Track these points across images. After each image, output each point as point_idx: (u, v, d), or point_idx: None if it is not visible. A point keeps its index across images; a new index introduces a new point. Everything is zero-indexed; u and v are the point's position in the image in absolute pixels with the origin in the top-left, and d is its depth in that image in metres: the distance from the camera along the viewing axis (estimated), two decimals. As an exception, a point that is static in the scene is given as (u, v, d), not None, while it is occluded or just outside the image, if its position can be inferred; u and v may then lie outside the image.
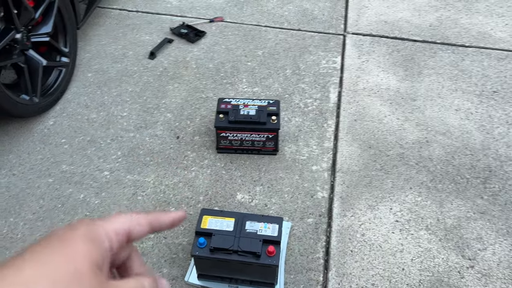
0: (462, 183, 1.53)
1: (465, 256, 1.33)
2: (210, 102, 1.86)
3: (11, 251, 1.37)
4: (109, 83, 1.95)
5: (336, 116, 1.78)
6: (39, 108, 1.72)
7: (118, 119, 1.79)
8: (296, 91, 1.90)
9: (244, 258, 1.15)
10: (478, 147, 1.65)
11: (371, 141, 1.68)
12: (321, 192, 1.51)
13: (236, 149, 1.63)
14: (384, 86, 1.92)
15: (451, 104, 1.83)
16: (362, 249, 1.35)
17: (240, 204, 1.48)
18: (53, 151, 1.66)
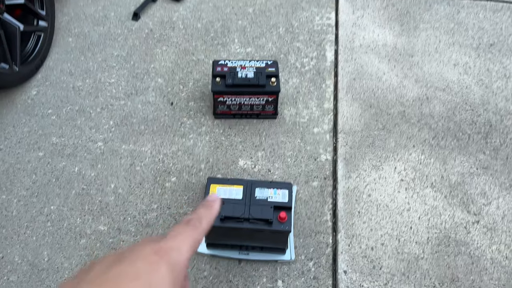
0: (464, 139, 1.53)
1: (470, 211, 1.35)
2: (202, 64, 1.77)
3: (7, 229, 1.31)
4: (93, 48, 1.83)
5: (334, 75, 1.73)
6: (20, 77, 1.60)
7: (106, 86, 1.69)
8: (291, 50, 1.83)
9: (255, 226, 1.12)
10: (478, 102, 1.64)
11: (372, 100, 1.64)
12: (324, 155, 1.48)
13: (234, 114, 1.57)
14: (380, 42, 1.86)
15: (449, 59, 1.80)
16: (369, 210, 1.35)
17: (243, 170, 1.44)
18: (40, 123, 1.56)
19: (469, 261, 1.24)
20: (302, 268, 1.24)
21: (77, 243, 1.28)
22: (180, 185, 1.40)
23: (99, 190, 1.39)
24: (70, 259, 1.25)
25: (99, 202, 1.37)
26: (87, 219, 1.33)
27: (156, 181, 1.41)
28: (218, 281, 1.21)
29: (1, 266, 1.24)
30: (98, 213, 1.34)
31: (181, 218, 1.33)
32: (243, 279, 1.22)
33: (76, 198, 1.38)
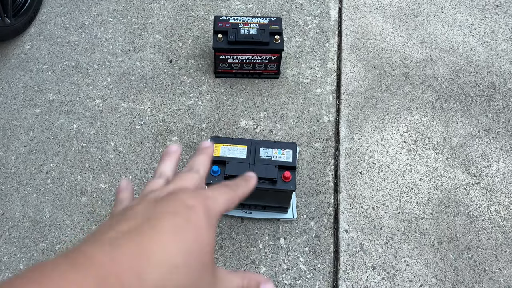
0: (467, 101, 1.52)
1: (471, 173, 1.36)
2: (202, 21, 1.72)
3: (7, 186, 1.29)
4: (87, 1, 1.75)
5: (338, 34, 1.69)
6: (12, 30, 1.54)
7: (102, 41, 1.63)
8: (294, 7, 1.77)
9: (260, 185, 1.12)
10: (482, 64, 1.62)
11: (375, 61, 1.61)
12: (327, 116, 1.47)
13: (236, 73, 1.54)
14: (385, 1, 1.81)
15: (455, 20, 1.76)
16: (371, 171, 1.35)
17: (245, 130, 1.43)
18: (36, 79, 1.52)
19: (468, 221, 1.26)
20: (304, 226, 1.25)
21: (79, 201, 1.28)
22: (182, 145, 1.39)
23: (99, 148, 1.37)
24: (72, 216, 1.25)
25: (99, 160, 1.35)
26: (88, 177, 1.32)
27: (157, 140, 1.39)
28: (221, 238, 1.23)
29: (2, 222, 1.23)
30: (98, 171, 1.33)
31: (183, 177, 1.32)
32: (246, 237, 1.23)
33: (75, 156, 1.36)
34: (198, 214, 0.31)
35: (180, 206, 0.31)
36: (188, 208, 0.31)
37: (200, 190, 0.34)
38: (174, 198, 0.32)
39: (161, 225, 0.29)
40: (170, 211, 0.30)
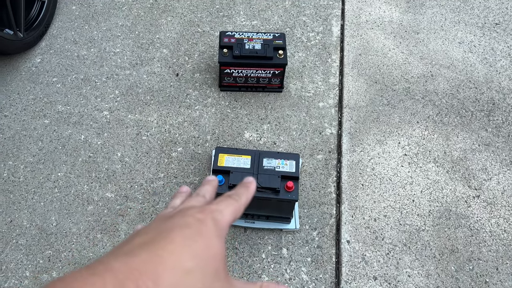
0: (467, 116, 1.55)
1: (471, 186, 1.37)
2: (207, 36, 1.76)
3: (15, 194, 1.32)
4: (97, 17, 1.81)
5: (340, 50, 1.73)
6: (24, 44, 1.59)
7: (111, 55, 1.68)
8: (297, 24, 1.82)
9: (263, 194, 1.14)
10: (482, 80, 1.66)
11: (377, 76, 1.65)
12: (329, 129, 1.50)
13: (240, 87, 1.58)
14: (386, 18, 1.86)
15: (454, 37, 1.80)
16: (373, 183, 1.37)
17: (249, 142, 1.45)
18: (45, 91, 1.56)
19: (469, 234, 1.28)
20: (306, 237, 1.26)
21: (85, 209, 1.30)
22: (187, 155, 1.41)
23: (105, 158, 1.40)
24: (78, 225, 1.27)
25: (106, 170, 1.38)
26: (94, 186, 1.34)
27: (162, 151, 1.42)
28: (224, 248, 1.24)
29: (10, 229, 1.26)
30: (105, 181, 1.36)
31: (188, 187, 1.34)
32: (249, 247, 1.24)
33: (83, 166, 1.39)
34: (208, 225, 0.33)
35: (190, 220, 0.33)
36: (197, 221, 0.33)
37: (206, 205, 0.36)
38: (184, 214, 0.34)
39: (173, 236, 0.31)
40: (180, 224, 0.32)
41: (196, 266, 0.30)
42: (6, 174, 1.36)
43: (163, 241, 0.30)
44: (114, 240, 1.24)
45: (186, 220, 0.33)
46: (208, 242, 0.32)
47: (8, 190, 1.32)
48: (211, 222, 0.33)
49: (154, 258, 0.29)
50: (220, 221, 0.34)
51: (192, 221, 0.33)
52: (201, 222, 0.33)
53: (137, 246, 0.30)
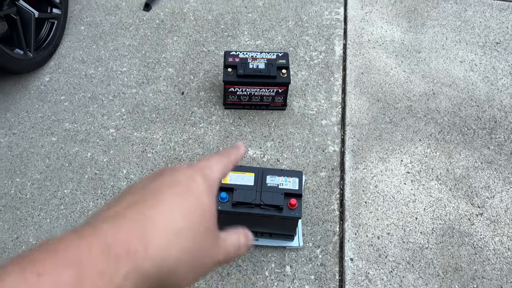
0: (469, 134, 1.56)
1: (474, 204, 1.38)
2: (212, 56, 1.80)
3: (22, 211, 1.33)
4: (104, 37, 1.85)
5: (343, 69, 1.76)
6: (33, 63, 1.63)
7: (118, 74, 1.71)
8: (300, 43, 1.85)
9: (266, 212, 1.15)
10: (483, 98, 1.67)
11: (379, 94, 1.67)
12: (332, 146, 1.51)
13: (244, 105, 1.60)
14: (388, 38, 1.89)
15: (456, 56, 1.83)
16: (376, 200, 1.38)
17: (252, 159, 1.47)
18: (53, 109, 1.59)
19: (473, 252, 1.28)
20: (310, 255, 1.27)
21: (90, 226, 1.31)
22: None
23: (111, 176, 1.42)
24: (83, 241, 1.28)
25: (111, 187, 1.40)
26: (100, 203, 1.36)
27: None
28: (228, 265, 1.25)
29: (16, 246, 1.27)
30: (110, 198, 1.37)
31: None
32: (252, 264, 1.25)
33: (89, 183, 1.40)
34: (197, 182, 0.32)
35: (179, 177, 0.32)
36: (187, 178, 0.32)
37: (194, 163, 0.35)
38: (172, 172, 0.33)
39: (163, 194, 0.30)
40: (170, 182, 0.31)
41: (187, 225, 0.29)
42: (13, 191, 1.38)
43: (152, 200, 0.29)
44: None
45: (176, 177, 0.32)
46: (199, 199, 0.31)
47: (15, 207, 1.34)
48: (201, 178, 0.33)
49: (143, 219, 0.28)
50: (210, 176, 0.34)
51: (182, 178, 0.32)
52: (191, 178, 0.32)
53: (126, 206, 0.29)
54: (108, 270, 0.25)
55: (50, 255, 0.24)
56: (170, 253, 0.28)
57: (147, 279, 0.27)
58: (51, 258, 0.24)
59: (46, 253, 0.24)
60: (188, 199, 0.30)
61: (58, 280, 0.23)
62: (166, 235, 0.28)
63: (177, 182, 0.31)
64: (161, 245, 0.28)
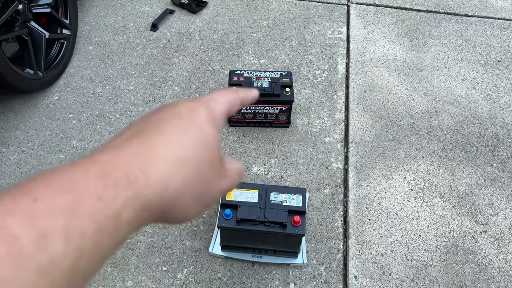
0: (472, 151, 1.57)
1: (478, 221, 1.38)
2: (218, 74, 1.84)
3: (29, 228, 1.35)
4: (112, 56, 1.90)
5: (346, 87, 1.79)
6: (43, 82, 1.67)
7: (125, 93, 1.75)
8: (304, 62, 1.89)
9: (270, 229, 1.16)
10: (486, 116, 1.69)
11: (382, 112, 1.69)
12: (335, 163, 1.53)
13: (249, 122, 1.63)
14: (391, 56, 1.92)
15: (457, 74, 1.85)
16: (380, 217, 1.38)
17: (257, 176, 1.49)
18: (62, 127, 1.62)
19: (477, 270, 1.27)
20: (314, 272, 1.27)
21: (96, 243, 1.32)
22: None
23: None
24: (89, 258, 1.29)
25: (117, 204, 1.41)
26: (106, 220, 1.37)
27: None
28: (232, 282, 1.25)
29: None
30: (116, 214, 1.39)
31: (197, 220, 1.37)
32: (256, 281, 1.25)
33: (95, 199, 1.42)
34: (200, 113, 0.31)
35: (181, 109, 0.31)
36: (189, 109, 0.31)
37: (200, 97, 0.34)
38: (174, 105, 0.32)
39: (164, 126, 0.29)
40: (171, 114, 0.31)
41: (189, 155, 0.28)
42: (21, 207, 1.40)
43: (154, 132, 0.29)
44: (124, 273, 1.26)
45: (177, 109, 0.31)
46: (201, 130, 0.30)
47: (22, 223, 1.36)
48: (204, 110, 0.31)
49: (145, 149, 0.27)
50: (214, 109, 0.33)
51: (184, 110, 0.31)
52: (193, 110, 0.31)
53: (125, 139, 0.28)
54: (105, 195, 0.24)
55: (45, 182, 0.23)
56: (172, 182, 0.27)
57: (149, 208, 0.26)
58: (46, 185, 0.23)
59: (41, 180, 0.23)
60: (190, 130, 0.30)
61: (53, 205, 0.22)
62: (168, 165, 0.27)
63: (179, 114, 0.30)
64: (163, 173, 0.27)
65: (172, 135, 0.29)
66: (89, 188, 0.24)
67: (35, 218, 0.21)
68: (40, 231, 0.21)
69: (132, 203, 0.25)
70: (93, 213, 0.23)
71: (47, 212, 0.22)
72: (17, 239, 0.20)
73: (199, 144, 0.29)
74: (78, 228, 0.22)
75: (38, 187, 0.23)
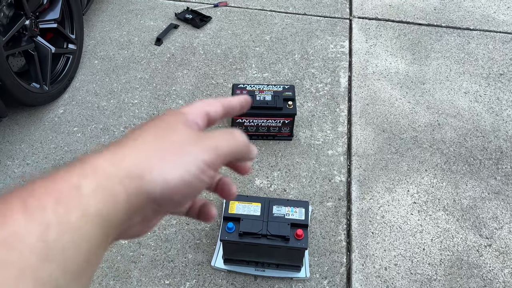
0: (475, 164, 1.56)
1: (483, 235, 1.37)
2: (221, 88, 1.85)
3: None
4: (117, 70, 1.92)
5: (348, 100, 1.79)
6: (49, 96, 1.69)
7: (129, 106, 1.77)
8: (306, 76, 1.90)
9: (273, 242, 1.16)
10: (489, 129, 1.69)
11: (384, 125, 1.69)
12: (338, 176, 1.53)
13: (251, 135, 1.63)
14: (393, 70, 1.93)
15: (460, 87, 1.85)
16: (383, 231, 1.38)
17: (259, 189, 1.49)
18: (66, 140, 1.64)
19: (482, 284, 1.26)
20: (317, 286, 1.26)
21: (99, 256, 1.32)
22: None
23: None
24: (91, 271, 1.29)
25: (120, 217, 1.42)
26: (109, 233, 1.38)
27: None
28: None
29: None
30: (119, 227, 1.39)
31: (199, 234, 1.37)
32: (259, 295, 1.24)
33: (98, 212, 1.43)
34: (170, 114, 0.33)
35: (160, 117, 0.33)
36: (164, 115, 0.34)
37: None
38: (158, 117, 0.35)
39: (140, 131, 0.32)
40: (150, 122, 0.33)
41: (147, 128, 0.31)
42: (25, 220, 1.40)
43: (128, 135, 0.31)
44: (126, 287, 1.25)
45: (157, 117, 0.34)
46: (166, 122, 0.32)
47: (26, 236, 1.36)
48: (175, 112, 0.34)
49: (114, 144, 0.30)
50: (187, 112, 0.34)
51: (160, 116, 0.34)
52: (166, 114, 0.34)
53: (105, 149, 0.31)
54: (59, 175, 0.26)
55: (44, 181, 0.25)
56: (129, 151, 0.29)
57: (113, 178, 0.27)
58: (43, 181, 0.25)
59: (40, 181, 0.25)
60: (158, 124, 0.32)
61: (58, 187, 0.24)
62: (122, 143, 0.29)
63: (155, 121, 0.33)
64: (117, 148, 0.29)
65: (137, 128, 0.31)
66: (43, 177, 0.25)
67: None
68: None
69: (88, 174, 0.26)
70: (48, 189, 0.25)
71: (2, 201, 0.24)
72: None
73: (157, 123, 0.32)
74: (36, 203, 0.24)
75: (40, 182, 0.25)
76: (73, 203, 0.24)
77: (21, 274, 0.21)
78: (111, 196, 0.26)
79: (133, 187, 0.27)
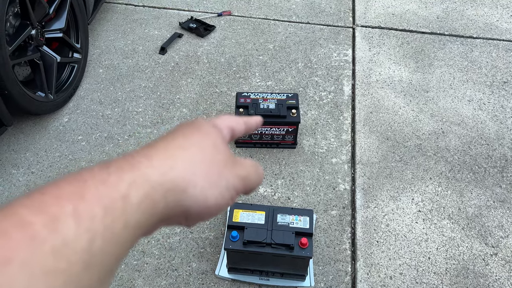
0: (480, 172, 1.56)
1: (488, 243, 1.36)
2: (225, 96, 1.86)
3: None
4: (122, 79, 1.93)
5: (352, 108, 1.80)
6: (54, 105, 1.70)
7: (133, 115, 1.78)
8: (310, 84, 1.90)
9: (277, 251, 1.16)
10: (493, 137, 1.68)
11: (388, 133, 1.69)
12: (342, 184, 1.52)
13: (255, 143, 1.64)
14: (396, 78, 1.94)
15: (464, 95, 1.85)
16: (388, 239, 1.37)
17: (263, 197, 1.49)
18: (71, 148, 1.64)
19: (489, 293, 1.25)
20: (321, 295, 1.25)
21: (103, 264, 1.32)
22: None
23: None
24: (95, 280, 1.29)
25: (124, 225, 1.42)
26: (113, 241, 1.37)
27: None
28: None
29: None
30: (123, 236, 1.39)
31: (203, 242, 1.36)
32: (263, 305, 1.24)
33: (102, 221, 1.43)
34: (204, 123, 0.35)
35: (193, 122, 0.35)
36: (198, 121, 0.35)
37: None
38: (191, 121, 0.36)
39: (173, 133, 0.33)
40: (183, 125, 0.34)
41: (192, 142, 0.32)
42: (29, 228, 1.41)
43: (160, 138, 0.32)
44: (130, 296, 1.25)
45: (190, 123, 0.35)
46: (205, 131, 0.33)
47: (30, 245, 1.37)
48: (207, 122, 0.35)
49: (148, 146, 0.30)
50: (218, 124, 0.36)
51: (193, 121, 0.35)
52: (201, 122, 0.35)
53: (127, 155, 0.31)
54: (109, 180, 0.26)
55: (52, 182, 0.25)
56: (178, 163, 0.29)
57: (157, 187, 0.27)
58: (53, 183, 0.25)
59: (49, 184, 0.26)
60: (194, 131, 0.33)
61: (60, 193, 0.24)
62: (171, 150, 0.30)
63: (188, 124, 0.34)
64: (165, 155, 0.29)
65: (178, 134, 0.32)
66: (94, 176, 0.26)
67: (45, 206, 0.23)
68: (51, 216, 0.22)
69: (138, 183, 0.26)
70: (99, 196, 0.25)
71: (55, 200, 0.23)
72: (30, 225, 0.22)
73: (202, 137, 0.32)
74: (87, 210, 0.24)
75: (46, 186, 0.25)
76: (119, 214, 0.25)
77: (68, 283, 0.22)
78: (152, 208, 0.27)
79: (172, 200, 0.28)
